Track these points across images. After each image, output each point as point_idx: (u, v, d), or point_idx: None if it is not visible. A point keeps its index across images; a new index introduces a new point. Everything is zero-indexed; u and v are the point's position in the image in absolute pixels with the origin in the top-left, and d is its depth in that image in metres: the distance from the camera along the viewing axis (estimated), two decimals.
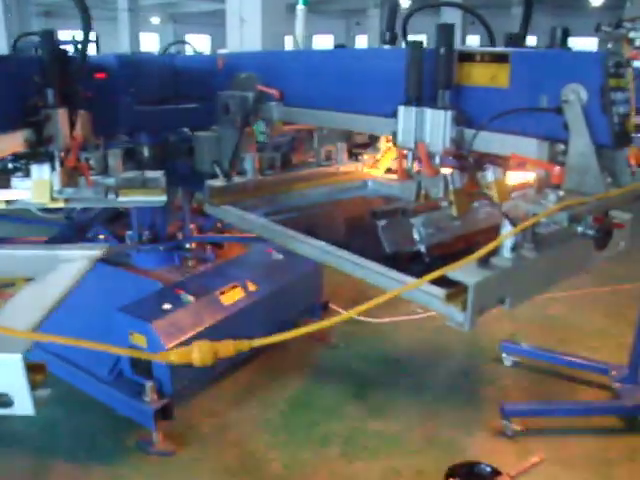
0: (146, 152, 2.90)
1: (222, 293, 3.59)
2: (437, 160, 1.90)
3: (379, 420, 3.54)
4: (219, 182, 2.50)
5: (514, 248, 1.53)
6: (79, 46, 2.18)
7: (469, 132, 1.80)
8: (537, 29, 4.57)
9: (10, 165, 2.13)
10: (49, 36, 2.11)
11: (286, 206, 2.46)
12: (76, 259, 2.02)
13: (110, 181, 2.31)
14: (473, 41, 21.65)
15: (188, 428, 3.41)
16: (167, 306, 3.37)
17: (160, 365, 3.23)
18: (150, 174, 2.47)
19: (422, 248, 1.82)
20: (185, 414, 3.48)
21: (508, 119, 1.72)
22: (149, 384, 3.16)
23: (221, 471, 3.10)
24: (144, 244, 3.53)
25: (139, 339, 3.24)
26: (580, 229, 1.48)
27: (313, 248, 1.97)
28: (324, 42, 29.75)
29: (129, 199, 2.33)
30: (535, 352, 3.94)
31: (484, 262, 1.49)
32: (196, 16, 27.48)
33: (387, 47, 2.21)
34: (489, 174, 1.75)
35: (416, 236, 1.83)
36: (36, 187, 2.14)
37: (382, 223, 1.90)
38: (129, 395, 3.24)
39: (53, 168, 2.12)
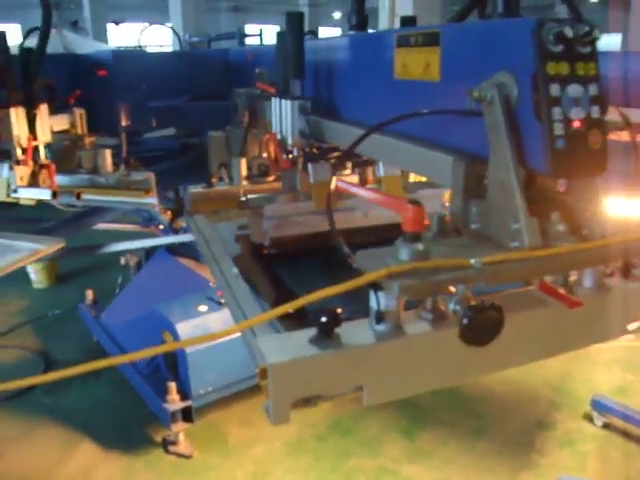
0: None
1: None
2: (295, 152, 1.73)
3: (416, 464, 2.97)
4: (200, 188, 2.21)
5: (379, 319, 0.98)
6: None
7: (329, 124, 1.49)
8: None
9: None
10: (2, 38, 2.02)
11: None
12: (23, 250, 1.92)
13: (82, 180, 2.16)
14: None
15: (215, 434, 3.21)
16: (203, 308, 3.20)
17: (184, 366, 3.07)
18: (137, 176, 2.27)
19: (266, 241, 1.64)
20: (218, 420, 3.29)
21: (430, 123, 1.15)
22: (172, 384, 3.03)
23: None
24: None
25: (168, 337, 3.12)
26: (451, 306, 0.89)
27: None
28: None
29: (101, 198, 2.16)
30: (635, 416, 2.97)
31: (324, 329, 0.96)
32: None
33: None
34: (380, 168, 1.30)
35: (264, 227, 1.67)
36: None
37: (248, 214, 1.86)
38: (156, 392, 3.15)
39: (11, 167, 2.05)
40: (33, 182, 2.09)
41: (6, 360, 3.92)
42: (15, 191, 2.11)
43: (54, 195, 2.11)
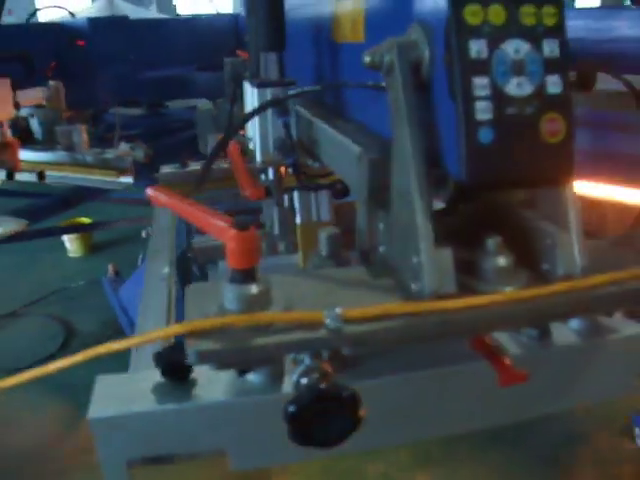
0: None
1: None
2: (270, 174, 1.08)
3: (424, 472, 2.67)
4: (171, 169, 1.95)
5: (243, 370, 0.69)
6: None
7: (319, 125, 0.92)
8: None
9: None
10: None
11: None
12: None
13: (48, 157, 1.97)
14: None
15: None
16: None
17: None
18: (111, 153, 2.05)
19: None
20: None
21: (356, 105, 0.81)
22: None
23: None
24: None
25: None
26: (294, 377, 0.57)
27: None
28: None
29: (70, 176, 1.96)
30: None
31: (172, 375, 0.69)
32: None
33: None
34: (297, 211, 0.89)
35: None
36: None
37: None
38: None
39: None
40: (4, 161, 1.92)
41: (29, 329, 3.92)
42: None
43: (10, 176, 1.94)
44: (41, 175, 2.05)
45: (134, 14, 4.67)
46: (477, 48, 0.56)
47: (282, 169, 1.15)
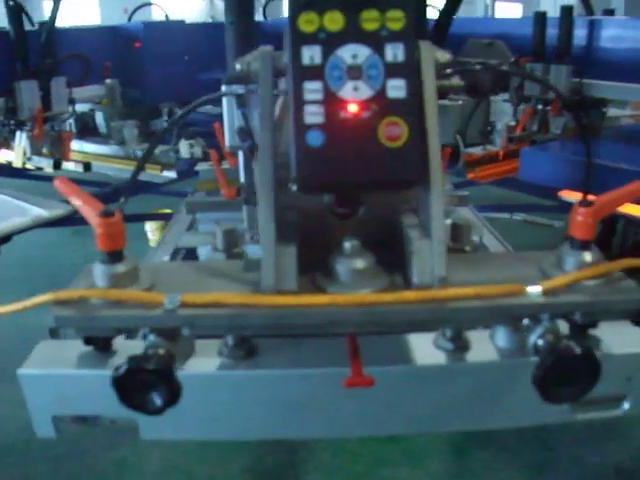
0: None
1: None
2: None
3: None
4: (207, 165, 2.05)
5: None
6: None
7: None
8: None
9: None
10: (17, 11, 2.01)
11: None
12: (28, 215, 1.96)
13: (110, 150, 2.14)
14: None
15: None
16: None
17: None
18: (159, 149, 2.19)
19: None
20: None
21: None
22: None
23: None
24: None
25: None
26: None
27: None
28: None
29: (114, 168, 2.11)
30: None
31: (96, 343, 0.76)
32: None
33: None
34: None
35: None
36: (16, 151, 2.15)
37: None
38: None
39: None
40: (55, 151, 2.15)
41: None
42: (29, 159, 2.20)
43: (56, 165, 2.14)
44: (87, 166, 2.25)
45: None
46: (310, 54, 0.57)
47: None
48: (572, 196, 2.00)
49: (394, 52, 0.58)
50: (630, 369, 0.77)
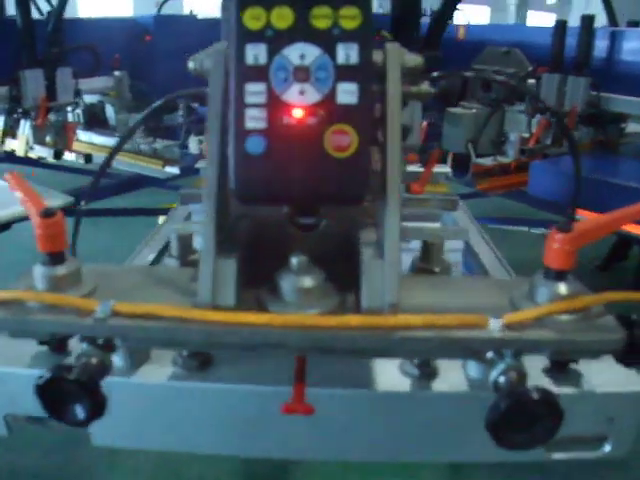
0: None
1: None
2: None
3: None
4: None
5: None
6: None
7: None
8: None
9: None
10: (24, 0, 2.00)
11: None
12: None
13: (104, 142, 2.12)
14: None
15: None
16: None
17: None
18: (160, 144, 2.17)
19: None
20: None
21: None
22: None
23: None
24: None
25: None
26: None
27: None
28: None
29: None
30: None
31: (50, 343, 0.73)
32: None
33: None
34: None
35: None
36: (19, 140, 2.15)
37: None
38: None
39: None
40: (59, 141, 2.14)
41: None
42: (32, 148, 2.20)
43: (57, 155, 2.13)
44: (88, 158, 2.24)
45: None
46: (254, 53, 0.53)
47: None
48: (587, 215, 1.92)
49: (346, 53, 0.53)
50: (612, 409, 0.70)
